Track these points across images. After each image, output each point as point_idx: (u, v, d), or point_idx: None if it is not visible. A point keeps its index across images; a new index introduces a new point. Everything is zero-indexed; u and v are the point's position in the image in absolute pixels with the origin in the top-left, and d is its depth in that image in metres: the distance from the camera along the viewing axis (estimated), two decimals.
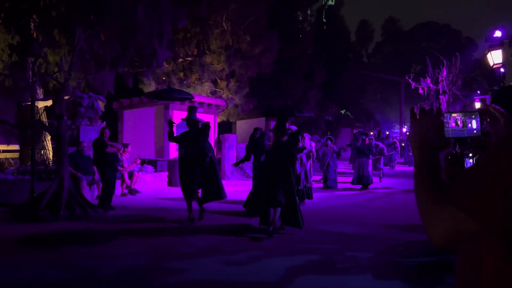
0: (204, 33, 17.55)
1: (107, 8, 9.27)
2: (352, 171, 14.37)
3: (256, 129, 9.24)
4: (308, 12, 29.98)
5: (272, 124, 21.09)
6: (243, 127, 20.75)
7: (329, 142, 13.38)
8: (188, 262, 5.17)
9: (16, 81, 11.31)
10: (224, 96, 18.77)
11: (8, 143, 11.46)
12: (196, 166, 7.33)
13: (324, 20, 36.30)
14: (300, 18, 27.84)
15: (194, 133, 7.46)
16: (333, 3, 37.55)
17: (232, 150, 15.35)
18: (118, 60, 10.16)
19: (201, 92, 18.07)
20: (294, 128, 7.88)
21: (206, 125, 7.49)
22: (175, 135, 7.74)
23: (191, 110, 7.77)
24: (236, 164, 9.56)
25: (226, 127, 21.08)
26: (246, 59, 18.63)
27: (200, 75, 18.23)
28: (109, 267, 4.96)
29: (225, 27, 17.82)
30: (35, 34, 11.22)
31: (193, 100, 14.02)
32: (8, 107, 12.94)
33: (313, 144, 13.30)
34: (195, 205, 7.57)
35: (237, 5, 17.57)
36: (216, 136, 16.21)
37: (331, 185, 13.03)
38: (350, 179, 13.73)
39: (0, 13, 11.25)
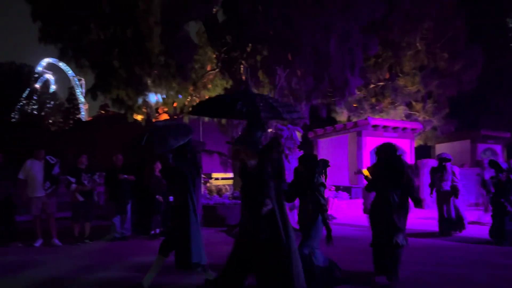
0: (396, 56, 17.19)
1: (302, 46, 10.14)
2: None
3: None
4: None
5: (481, 147, 18.84)
6: (444, 151, 19.16)
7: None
8: None
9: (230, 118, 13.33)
10: (420, 118, 17.84)
11: (225, 171, 13.48)
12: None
13: None
14: (510, 25, 24.44)
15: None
16: None
17: None
18: (313, 93, 10.90)
19: (394, 116, 17.61)
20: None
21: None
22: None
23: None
24: None
25: (424, 152, 19.83)
26: (444, 78, 17.40)
27: (393, 99, 17.83)
28: None
29: (419, 47, 17.10)
30: (244, 77, 13.04)
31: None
32: (224, 141, 15.26)
33: None
34: None
35: (432, 23, 16.69)
36: (414, 161, 15.43)
37: None
38: None
39: (217, 63, 13.56)
